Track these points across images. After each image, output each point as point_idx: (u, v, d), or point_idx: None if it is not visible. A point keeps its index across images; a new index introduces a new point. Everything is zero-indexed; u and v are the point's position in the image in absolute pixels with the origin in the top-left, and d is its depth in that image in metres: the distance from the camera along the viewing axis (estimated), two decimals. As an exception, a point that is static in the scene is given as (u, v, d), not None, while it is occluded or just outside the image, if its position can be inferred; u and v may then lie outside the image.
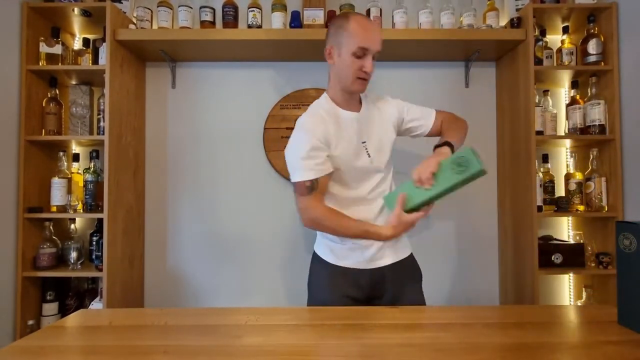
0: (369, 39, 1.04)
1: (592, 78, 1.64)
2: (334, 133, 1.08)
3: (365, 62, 1.05)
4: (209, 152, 1.85)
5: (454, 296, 1.84)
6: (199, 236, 1.84)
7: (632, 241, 0.81)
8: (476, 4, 1.75)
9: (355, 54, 1.04)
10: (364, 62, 1.05)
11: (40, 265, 1.57)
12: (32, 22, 1.59)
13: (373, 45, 1.05)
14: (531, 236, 1.55)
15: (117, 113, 1.59)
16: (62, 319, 0.94)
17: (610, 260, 1.58)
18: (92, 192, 1.62)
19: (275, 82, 1.85)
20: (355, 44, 1.04)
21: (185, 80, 1.86)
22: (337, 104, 1.14)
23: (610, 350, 0.73)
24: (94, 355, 0.74)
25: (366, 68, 1.05)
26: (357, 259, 1.14)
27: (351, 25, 1.05)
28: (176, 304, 1.82)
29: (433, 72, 1.86)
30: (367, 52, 1.05)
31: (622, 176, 1.57)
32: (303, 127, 1.10)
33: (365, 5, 1.71)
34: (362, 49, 1.04)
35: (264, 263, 1.84)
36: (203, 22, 1.67)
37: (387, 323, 0.89)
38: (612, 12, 1.58)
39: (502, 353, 0.73)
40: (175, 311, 1.01)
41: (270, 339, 0.80)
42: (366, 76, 1.07)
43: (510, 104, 1.72)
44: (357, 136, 1.12)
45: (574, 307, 1.18)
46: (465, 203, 1.85)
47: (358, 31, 1.04)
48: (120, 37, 1.57)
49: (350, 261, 1.14)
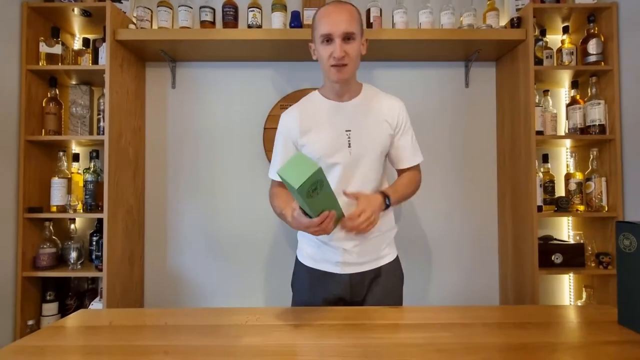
0: (330, 24, 1.02)
1: (592, 78, 1.64)
2: (309, 121, 1.11)
3: (333, 48, 1.02)
4: (209, 152, 1.85)
5: (454, 296, 1.84)
6: (199, 236, 1.84)
7: (632, 241, 0.81)
8: (476, 4, 1.75)
9: (323, 42, 1.04)
10: (332, 49, 1.03)
11: (40, 265, 1.57)
12: (32, 22, 1.59)
13: (335, 29, 1.01)
14: (531, 236, 1.55)
15: (117, 113, 1.59)
16: (62, 319, 0.94)
17: (610, 260, 1.58)
18: (92, 192, 1.62)
19: (275, 82, 1.85)
20: (319, 33, 1.04)
21: (185, 80, 1.86)
22: (325, 95, 1.14)
23: (610, 350, 0.73)
24: (94, 355, 0.74)
25: (334, 54, 1.02)
26: (331, 263, 1.15)
27: (316, 17, 1.07)
28: (176, 304, 1.82)
29: (433, 72, 1.86)
30: (331, 37, 1.02)
31: (622, 176, 1.57)
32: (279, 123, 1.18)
33: (365, 5, 1.71)
34: (324, 35, 1.03)
35: (264, 263, 1.84)
36: (203, 22, 1.67)
37: (387, 323, 0.89)
38: (612, 12, 1.58)
39: (502, 353, 0.73)
40: (175, 311, 1.01)
41: (270, 339, 0.80)
42: (337, 62, 1.02)
43: (510, 104, 1.72)
44: (339, 125, 1.09)
45: (574, 307, 1.18)
46: (465, 203, 1.85)
47: (320, 20, 1.05)
48: (120, 37, 1.57)
49: (327, 265, 1.15)
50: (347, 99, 1.12)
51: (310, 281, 1.17)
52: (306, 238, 1.21)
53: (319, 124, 1.10)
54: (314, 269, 1.17)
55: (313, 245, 1.18)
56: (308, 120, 1.11)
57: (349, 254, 1.13)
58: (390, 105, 1.14)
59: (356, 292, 1.15)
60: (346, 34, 1.02)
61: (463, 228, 1.85)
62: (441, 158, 1.86)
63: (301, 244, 1.24)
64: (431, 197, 1.84)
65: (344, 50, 1.02)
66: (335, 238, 1.12)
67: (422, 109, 1.85)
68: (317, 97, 1.16)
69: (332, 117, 1.11)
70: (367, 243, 1.14)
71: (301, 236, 1.24)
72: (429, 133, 1.84)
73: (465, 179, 1.86)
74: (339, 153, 1.08)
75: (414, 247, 1.84)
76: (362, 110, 1.12)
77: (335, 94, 1.12)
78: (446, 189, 1.86)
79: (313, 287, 1.17)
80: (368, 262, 1.15)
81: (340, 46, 1.02)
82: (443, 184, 1.86)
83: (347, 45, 1.03)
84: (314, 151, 1.09)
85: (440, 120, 1.85)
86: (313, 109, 1.13)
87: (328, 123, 1.10)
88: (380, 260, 1.17)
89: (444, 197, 1.85)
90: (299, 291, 1.22)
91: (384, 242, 1.18)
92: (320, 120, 1.11)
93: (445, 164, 1.86)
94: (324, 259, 1.16)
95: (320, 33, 1.04)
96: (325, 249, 1.15)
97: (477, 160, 1.86)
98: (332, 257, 1.14)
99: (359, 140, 1.09)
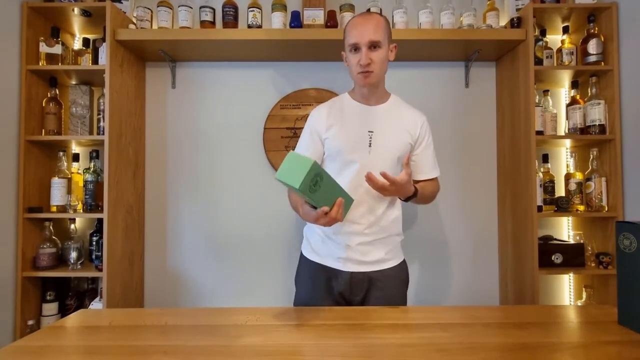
0: (356, 35, 1.10)
1: (592, 78, 1.64)
2: (335, 117, 1.17)
3: (360, 56, 1.09)
4: (209, 152, 1.85)
5: (454, 296, 1.84)
6: (198, 236, 1.84)
7: (632, 241, 0.81)
8: (476, 4, 1.75)
9: (351, 51, 1.12)
10: (359, 57, 1.10)
11: (40, 265, 1.57)
12: (32, 22, 1.59)
13: (360, 39, 1.09)
14: (531, 236, 1.55)
15: (117, 113, 1.59)
16: (62, 319, 0.94)
17: (610, 260, 1.58)
18: (92, 192, 1.62)
19: (275, 82, 1.85)
20: (348, 42, 1.13)
21: (185, 80, 1.86)
22: (354, 98, 1.21)
23: (610, 350, 0.73)
24: (94, 355, 0.74)
25: (361, 61, 1.09)
26: (334, 259, 1.16)
27: (347, 28, 1.15)
28: (176, 304, 1.82)
29: (433, 72, 1.86)
30: (358, 46, 1.10)
31: (622, 176, 1.57)
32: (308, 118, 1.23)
33: (365, 5, 1.71)
34: (352, 45, 1.11)
35: (264, 263, 1.84)
36: (203, 22, 1.67)
37: (387, 323, 0.89)
38: (612, 12, 1.58)
39: (502, 353, 0.73)
40: (175, 311, 1.01)
41: (270, 339, 0.80)
42: (363, 69, 1.10)
43: (510, 104, 1.72)
44: (362, 125, 1.15)
45: (574, 307, 1.18)
46: (465, 203, 1.85)
47: (348, 30, 1.13)
48: (120, 37, 1.57)
49: (330, 260, 1.17)
50: (373, 104, 1.19)
51: (313, 276, 1.19)
52: (312, 232, 1.23)
53: (344, 121, 1.17)
54: (318, 263, 1.19)
55: (318, 240, 1.20)
56: (334, 116, 1.18)
57: (352, 250, 1.14)
58: (413, 116, 1.20)
59: (356, 291, 1.16)
60: (372, 43, 1.09)
61: (463, 228, 1.85)
62: (441, 158, 1.83)
63: (307, 239, 1.26)
64: (431, 197, 1.84)
65: (370, 58, 1.09)
66: (342, 232, 1.14)
67: (422, 109, 1.81)
68: (347, 98, 1.22)
69: (357, 117, 1.17)
70: (372, 243, 1.15)
71: (307, 231, 1.26)
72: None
73: (465, 179, 1.86)
74: (359, 151, 1.14)
75: (414, 247, 1.84)
76: (387, 115, 1.18)
77: (363, 97, 1.19)
78: (446, 189, 1.85)
79: (315, 281, 1.18)
80: (371, 263, 1.16)
81: (366, 54, 1.09)
82: (443, 183, 1.83)
83: (373, 53, 1.10)
84: (335, 145, 1.15)
85: (440, 120, 1.85)
86: (341, 107, 1.20)
87: (352, 121, 1.16)
88: (384, 264, 1.17)
89: (444, 197, 1.85)
90: (302, 286, 1.23)
91: (389, 246, 1.18)
92: (345, 118, 1.17)
93: (445, 164, 1.85)
94: (328, 254, 1.17)
95: (349, 43, 1.12)
96: (329, 244, 1.17)
97: (477, 161, 1.86)
98: (336, 253, 1.16)
99: (380, 142, 1.14)
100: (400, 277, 1.21)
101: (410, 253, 1.83)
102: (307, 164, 0.82)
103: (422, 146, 1.21)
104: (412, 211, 1.85)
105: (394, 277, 1.19)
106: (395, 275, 1.20)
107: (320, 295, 1.16)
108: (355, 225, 1.14)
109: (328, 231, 1.16)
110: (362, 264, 1.15)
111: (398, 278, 1.20)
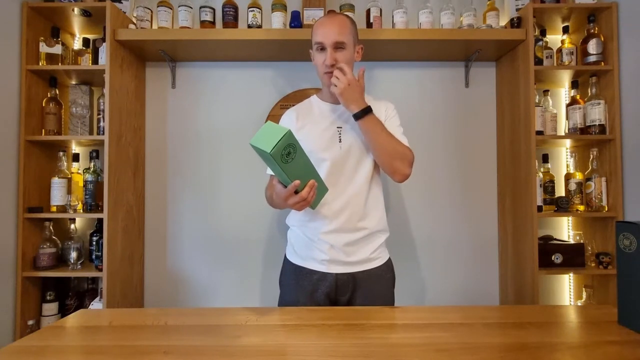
0: (321, 34, 1.11)
1: (592, 78, 1.64)
2: (304, 118, 1.19)
3: (325, 56, 1.11)
4: (209, 152, 1.85)
5: (454, 296, 1.84)
6: (198, 236, 1.84)
7: (632, 241, 0.81)
8: (476, 4, 1.75)
9: (317, 50, 1.14)
10: (324, 57, 1.11)
11: (40, 265, 1.57)
12: (32, 22, 1.59)
13: (325, 39, 1.10)
14: (531, 236, 1.55)
15: (117, 113, 1.59)
16: (62, 319, 0.94)
17: (610, 260, 1.58)
18: (92, 192, 1.62)
19: (275, 82, 1.85)
20: (313, 41, 1.14)
21: (185, 80, 1.86)
22: (322, 99, 1.22)
23: (610, 350, 0.73)
24: (94, 355, 0.73)
25: (326, 62, 1.10)
26: (317, 261, 1.15)
27: (313, 27, 1.16)
28: (176, 304, 1.82)
29: (433, 72, 1.86)
30: (323, 46, 1.11)
31: (622, 176, 1.57)
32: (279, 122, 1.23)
33: (365, 5, 1.72)
34: (317, 44, 1.13)
35: (264, 263, 1.84)
36: (203, 22, 1.67)
37: (387, 323, 0.89)
38: (612, 12, 1.58)
39: (502, 353, 0.73)
40: (175, 311, 1.01)
41: (270, 339, 0.80)
42: (328, 69, 1.10)
43: (510, 104, 1.72)
44: (331, 123, 1.16)
45: (574, 307, 1.18)
46: (465, 203, 1.85)
47: (315, 29, 1.14)
48: (120, 37, 1.57)
49: (313, 263, 1.16)
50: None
51: (297, 279, 1.18)
52: (295, 235, 1.22)
53: (313, 121, 1.19)
54: (301, 266, 1.18)
55: (301, 242, 1.19)
56: (304, 117, 1.20)
57: (335, 251, 1.13)
58: (378, 106, 1.19)
59: (341, 292, 1.15)
60: (337, 44, 1.10)
61: (463, 228, 1.85)
62: (441, 158, 1.86)
63: (290, 241, 1.25)
64: (431, 197, 1.85)
65: (334, 58, 1.10)
66: (323, 231, 1.13)
67: (422, 109, 1.85)
68: (315, 99, 1.25)
69: (326, 116, 1.19)
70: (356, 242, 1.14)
71: (291, 233, 1.26)
72: (429, 133, 1.84)
73: (465, 179, 1.86)
74: (330, 148, 1.14)
75: (414, 247, 1.84)
76: None
77: (330, 97, 1.19)
78: (446, 189, 1.86)
79: (299, 285, 1.17)
80: (356, 264, 1.14)
81: (331, 54, 1.10)
82: (443, 184, 1.86)
83: (338, 54, 1.10)
84: (307, 145, 1.11)
85: (440, 120, 1.85)
86: (309, 108, 1.23)
87: (321, 121, 1.18)
88: (369, 264, 1.16)
89: (444, 197, 1.85)
90: (286, 289, 1.22)
91: (374, 245, 1.17)
92: (314, 118, 1.20)
93: (445, 164, 1.86)
94: (311, 257, 1.16)
95: (315, 41, 1.14)
96: (312, 246, 1.16)
97: (477, 160, 1.86)
98: (319, 255, 1.15)
99: (350, 136, 1.15)
100: (387, 276, 1.20)
101: (410, 253, 1.84)
102: (282, 132, 0.83)
103: (384, 120, 1.15)
104: (412, 211, 1.85)
105: (380, 276, 1.18)
106: (382, 274, 1.18)
107: (305, 298, 1.15)
108: (338, 226, 1.12)
109: (311, 234, 1.15)
110: (347, 265, 1.14)
111: (384, 277, 1.19)
